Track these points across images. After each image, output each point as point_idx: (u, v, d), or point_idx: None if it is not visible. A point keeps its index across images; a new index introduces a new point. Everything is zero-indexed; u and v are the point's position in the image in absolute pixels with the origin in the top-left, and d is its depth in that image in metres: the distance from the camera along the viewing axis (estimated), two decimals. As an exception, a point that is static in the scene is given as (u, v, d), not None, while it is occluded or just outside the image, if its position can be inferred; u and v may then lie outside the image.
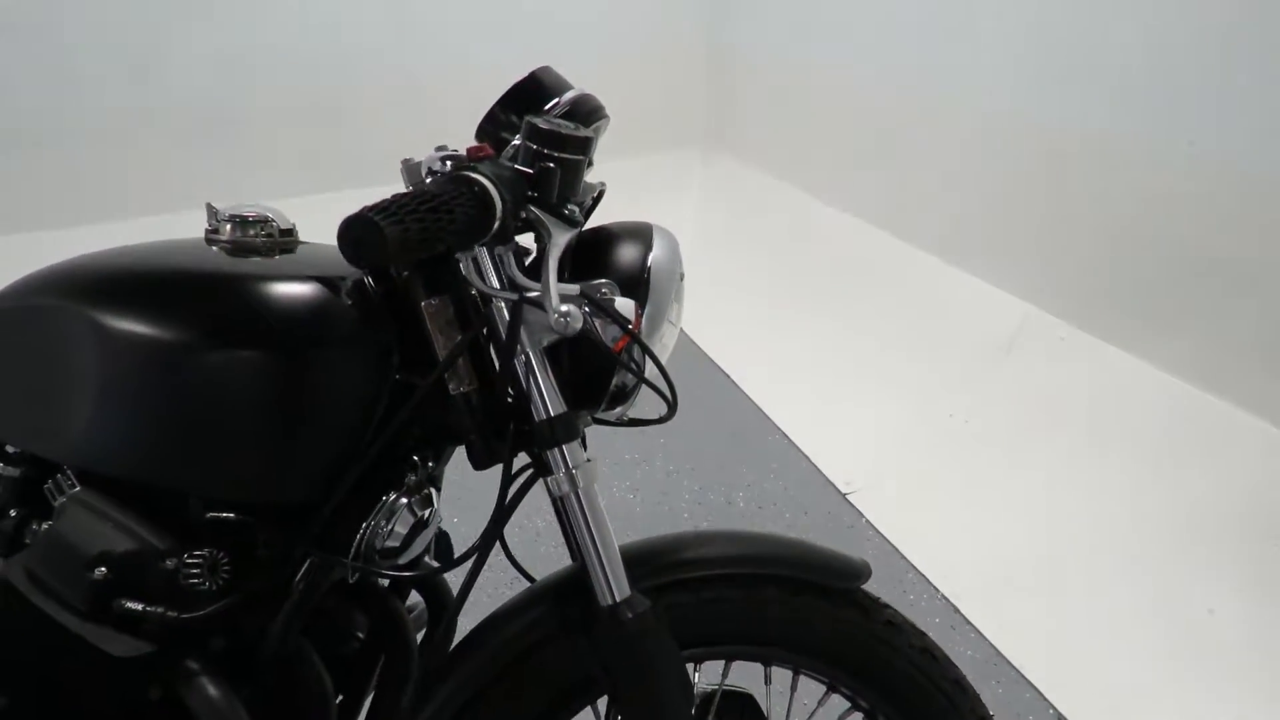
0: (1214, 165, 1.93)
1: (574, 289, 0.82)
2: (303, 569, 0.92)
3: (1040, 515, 2.09)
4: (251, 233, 0.98)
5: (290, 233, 1.00)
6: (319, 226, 1.00)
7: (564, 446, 0.85)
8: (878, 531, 2.24)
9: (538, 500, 0.90)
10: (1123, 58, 2.11)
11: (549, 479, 0.86)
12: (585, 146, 0.78)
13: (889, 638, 0.97)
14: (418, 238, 0.66)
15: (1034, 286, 2.40)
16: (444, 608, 1.13)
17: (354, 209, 0.69)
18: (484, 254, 0.81)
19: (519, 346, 0.84)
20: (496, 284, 0.82)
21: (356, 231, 0.66)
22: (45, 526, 0.92)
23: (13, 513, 1.00)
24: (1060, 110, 2.30)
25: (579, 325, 0.75)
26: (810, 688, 1.01)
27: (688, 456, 2.47)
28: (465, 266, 0.81)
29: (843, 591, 0.97)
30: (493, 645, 0.91)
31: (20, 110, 3.43)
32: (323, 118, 3.85)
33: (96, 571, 0.87)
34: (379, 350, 0.91)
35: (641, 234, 0.91)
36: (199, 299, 0.92)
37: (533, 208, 0.76)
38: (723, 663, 1.00)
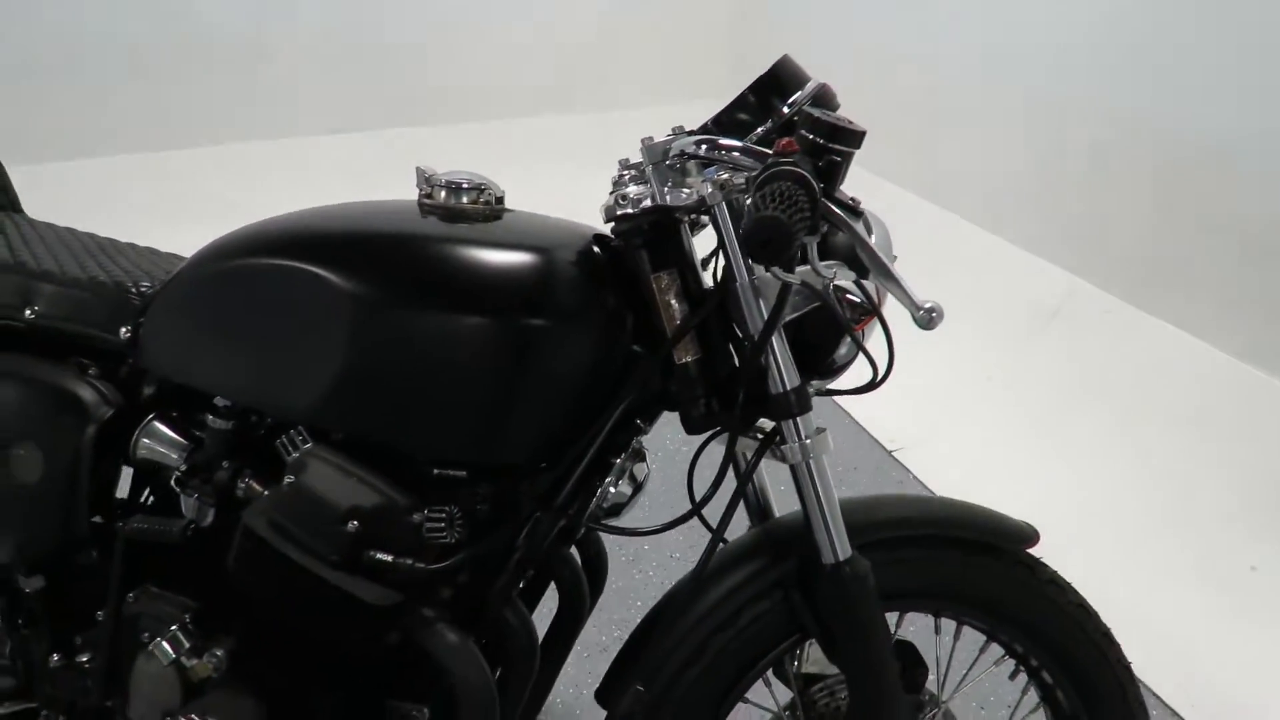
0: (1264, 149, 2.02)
1: (826, 270, 0.87)
2: (528, 525, 0.98)
3: (1083, 477, 2.21)
4: (466, 200, 1.01)
5: (502, 200, 1.03)
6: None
7: (799, 418, 0.91)
8: (925, 488, 2.35)
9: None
10: (1173, 39, 2.19)
11: (784, 447, 0.92)
12: (861, 140, 0.82)
13: (1052, 595, 1.06)
14: (800, 234, 0.71)
15: (1081, 260, 2.49)
16: (601, 561, 1.21)
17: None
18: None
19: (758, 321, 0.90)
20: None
21: (767, 232, 0.70)
22: (288, 480, 0.95)
23: (225, 464, 1.03)
24: (1109, 89, 2.37)
25: (941, 320, 0.81)
26: (970, 636, 1.11)
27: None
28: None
29: (1013, 553, 1.06)
30: (712, 599, 0.98)
31: (49, 40, 3.33)
32: (341, 59, 3.79)
33: (349, 524, 0.92)
34: (610, 319, 0.96)
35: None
36: (436, 265, 0.95)
37: (823, 199, 0.80)
38: (897, 614, 1.09)
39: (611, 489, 0.98)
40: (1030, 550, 1.07)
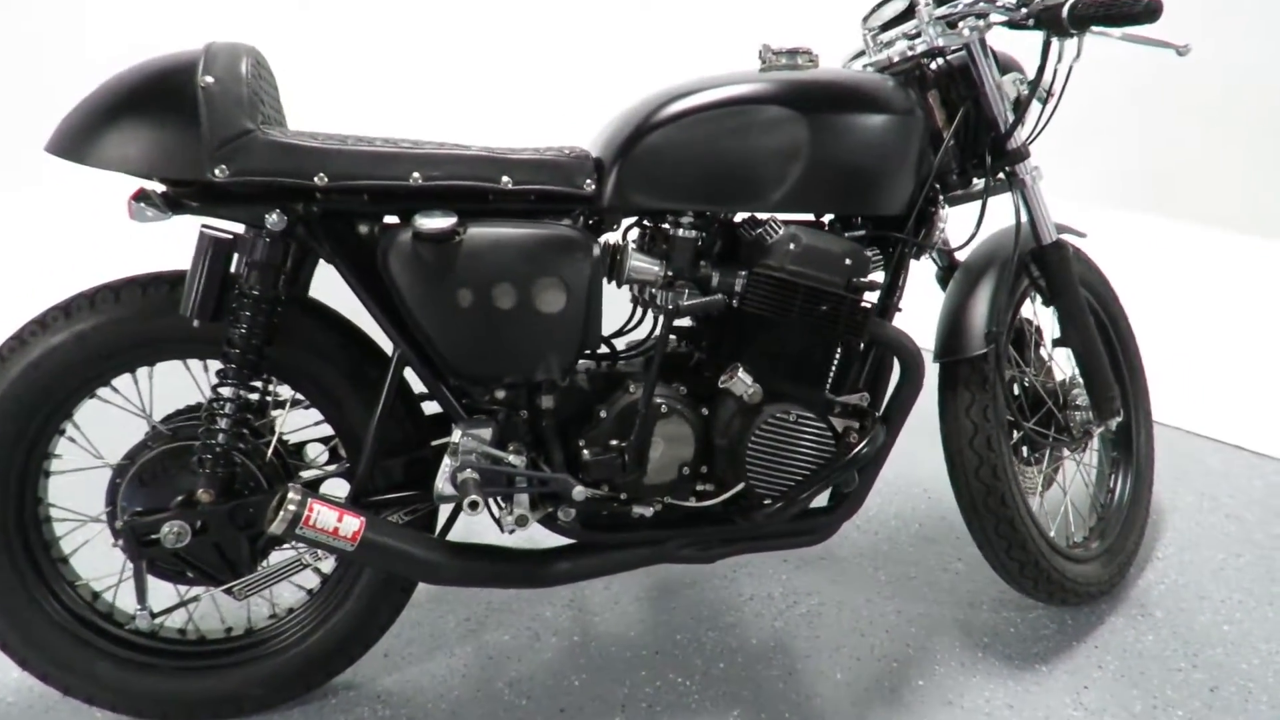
0: None
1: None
2: (906, 262, 1.55)
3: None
4: (800, 60, 1.53)
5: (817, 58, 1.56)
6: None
7: (1028, 160, 1.60)
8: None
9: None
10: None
11: (1023, 178, 1.60)
12: None
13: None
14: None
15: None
16: None
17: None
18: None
19: (1002, 98, 1.57)
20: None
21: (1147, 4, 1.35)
22: (790, 247, 1.41)
23: (702, 263, 1.44)
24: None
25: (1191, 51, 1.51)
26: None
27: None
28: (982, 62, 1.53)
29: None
30: (993, 281, 1.64)
31: None
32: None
33: (846, 260, 1.42)
34: (923, 116, 1.54)
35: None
36: (838, 89, 1.45)
37: None
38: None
39: (942, 227, 1.57)
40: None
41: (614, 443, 1.45)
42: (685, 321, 1.56)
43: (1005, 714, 1.59)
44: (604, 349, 1.59)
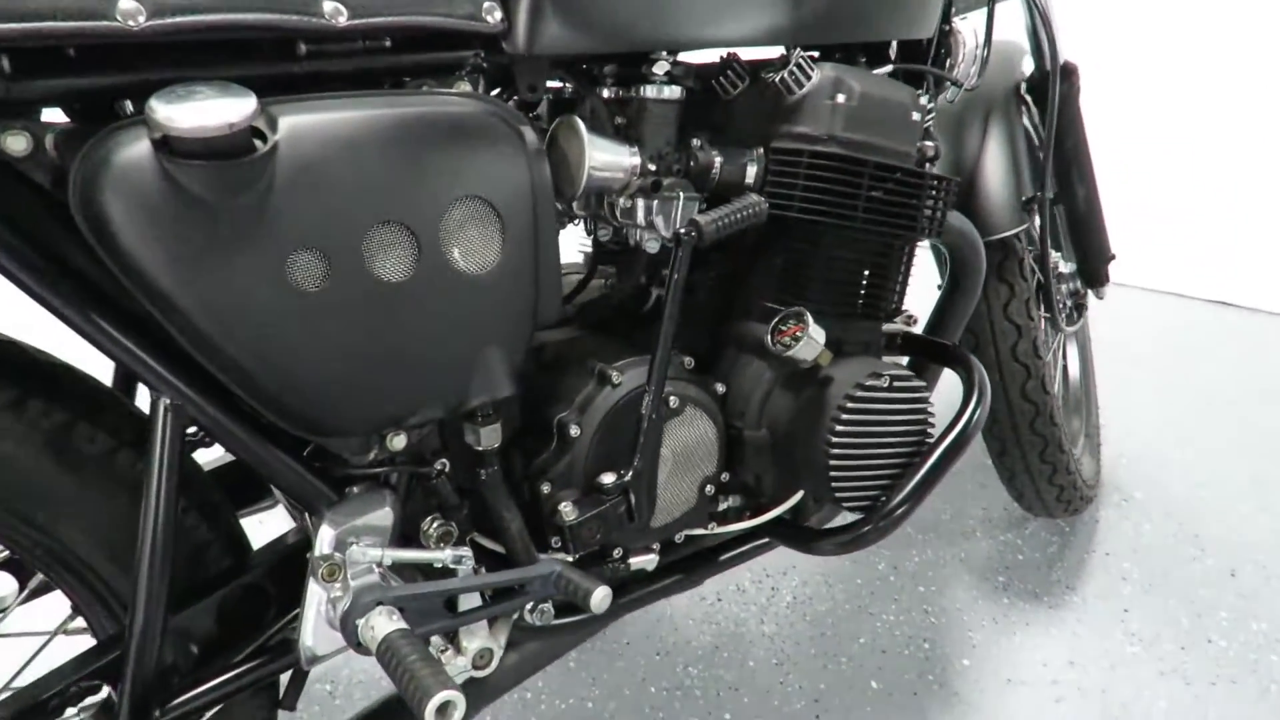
0: None
1: None
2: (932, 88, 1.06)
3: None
4: None
5: None
6: None
7: None
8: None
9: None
10: None
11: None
12: None
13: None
14: None
15: None
16: None
17: None
18: None
19: None
20: None
21: None
22: (839, 99, 0.87)
23: (696, 142, 0.87)
24: None
25: None
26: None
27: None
28: None
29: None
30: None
31: None
32: None
33: (912, 114, 0.92)
34: None
35: None
36: None
37: None
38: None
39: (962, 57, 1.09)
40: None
41: (607, 479, 0.84)
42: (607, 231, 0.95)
43: (1071, 675, 1.27)
44: None
